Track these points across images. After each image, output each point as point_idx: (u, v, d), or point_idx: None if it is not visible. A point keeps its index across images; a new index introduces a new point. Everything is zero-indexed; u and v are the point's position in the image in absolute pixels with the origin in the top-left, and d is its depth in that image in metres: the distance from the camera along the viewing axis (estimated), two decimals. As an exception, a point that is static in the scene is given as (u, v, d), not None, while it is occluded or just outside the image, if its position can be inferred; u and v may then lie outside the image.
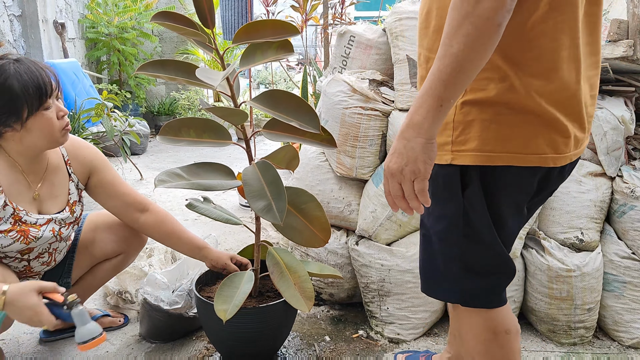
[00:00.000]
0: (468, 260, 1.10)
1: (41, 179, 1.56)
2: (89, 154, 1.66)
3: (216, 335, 1.62)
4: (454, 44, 0.85)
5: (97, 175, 1.66)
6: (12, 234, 1.48)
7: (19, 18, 4.43)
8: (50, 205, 1.58)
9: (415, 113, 0.92)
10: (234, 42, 1.40)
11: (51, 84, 1.44)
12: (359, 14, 6.93)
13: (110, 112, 3.72)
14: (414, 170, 0.94)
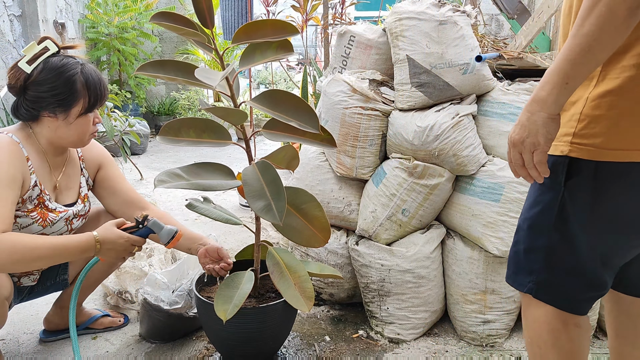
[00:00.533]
0: (552, 254, 1.07)
1: (61, 169, 1.64)
2: (98, 151, 1.76)
3: (216, 335, 1.62)
4: (585, 24, 0.87)
5: (104, 170, 1.75)
6: (34, 214, 1.53)
7: (19, 18, 4.43)
8: (65, 196, 1.65)
9: (541, 88, 0.95)
10: (234, 42, 1.40)
11: (106, 96, 1.59)
12: (359, 14, 6.93)
13: (110, 112, 3.72)
14: (534, 142, 0.98)
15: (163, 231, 1.52)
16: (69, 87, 1.49)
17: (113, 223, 1.50)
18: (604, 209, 1.02)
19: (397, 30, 1.86)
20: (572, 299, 1.09)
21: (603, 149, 0.98)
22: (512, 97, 1.82)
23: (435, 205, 1.87)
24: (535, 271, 1.10)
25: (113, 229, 1.47)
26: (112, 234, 1.46)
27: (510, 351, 1.82)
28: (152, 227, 1.52)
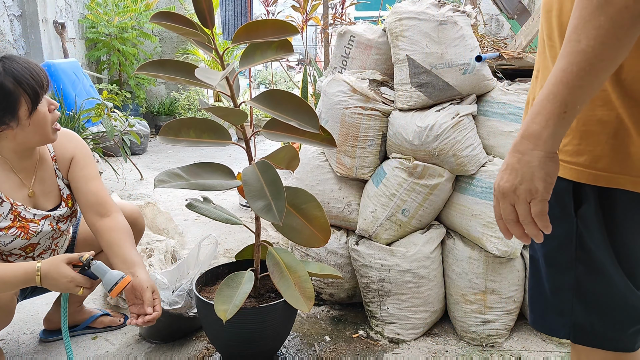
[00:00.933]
0: (583, 290, 0.91)
1: (33, 175, 1.56)
2: (70, 147, 1.63)
3: (216, 335, 1.62)
4: (582, 39, 0.71)
5: (73, 168, 1.63)
6: (13, 230, 1.49)
7: (19, 18, 4.43)
8: (44, 202, 1.58)
9: (532, 121, 0.77)
10: (234, 42, 1.40)
11: (45, 77, 1.44)
12: (359, 14, 6.93)
13: (110, 112, 3.72)
14: (530, 189, 0.79)
15: (106, 277, 1.39)
16: (2, 94, 1.36)
17: (64, 259, 1.38)
18: (627, 234, 0.87)
19: (397, 30, 1.86)
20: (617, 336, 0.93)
21: (590, 170, 0.84)
22: (512, 97, 1.82)
23: (435, 205, 1.87)
24: (567, 312, 0.93)
25: (59, 266, 1.36)
26: (55, 270, 1.36)
27: (510, 351, 1.82)
28: (95, 271, 1.39)
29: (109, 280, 1.39)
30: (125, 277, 1.41)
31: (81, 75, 4.76)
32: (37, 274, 1.36)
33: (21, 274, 1.36)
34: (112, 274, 1.40)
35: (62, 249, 1.70)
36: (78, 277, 1.38)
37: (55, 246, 1.65)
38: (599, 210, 0.86)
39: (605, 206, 0.85)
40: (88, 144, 3.73)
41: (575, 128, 0.85)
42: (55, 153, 1.62)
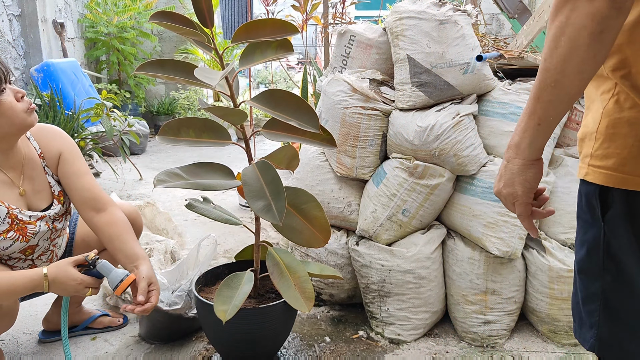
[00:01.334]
0: (608, 301, 0.89)
1: (21, 173, 1.53)
2: (57, 144, 1.60)
3: (216, 336, 1.62)
4: (546, 58, 0.78)
5: (62, 165, 1.59)
6: (11, 234, 1.47)
7: (18, 17, 4.42)
8: (37, 201, 1.56)
9: (515, 133, 0.87)
10: (233, 42, 1.40)
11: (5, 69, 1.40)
12: (360, 13, 6.92)
13: (109, 111, 3.71)
14: (512, 193, 0.90)
15: (111, 275, 1.41)
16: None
17: (70, 262, 1.39)
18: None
19: (397, 29, 1.85)
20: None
21: (615, 173, 0.84)
22: (513, 97, 1.81)
23: (435, 205, 1.87)
24: (593, 324, 0.91)
25: (67, 269, 1.38)
26: (63, 274, 1.37)
27: (510, 352, 1.81)
28: (101, 270, 1.41)
29: (114, 279, 1.41)
30: (130, 275, 1.43)
31: (80, 75, 4.76)
32: (44, 280, 1.36)
33: (28, 282, 1.36)
34: (117, 272, 1.42)
35: (60, 249, 1.69)
36: (86, 279, 1.40)
37: (54, 247, 1.64)
38: (626, 215, 0.85)
39: (633, 211, 0.84)
40: (87, 143, 3.72)
41: (605, 131, 0.86)
42: (41, 150, 1.58)
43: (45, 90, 4.12)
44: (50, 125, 1.65)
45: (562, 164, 1.86)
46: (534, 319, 1.91)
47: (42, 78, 4.30)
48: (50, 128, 1.63)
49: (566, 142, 1.90)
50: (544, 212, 0.97)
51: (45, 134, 1.60)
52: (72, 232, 1.77)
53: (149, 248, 2.18)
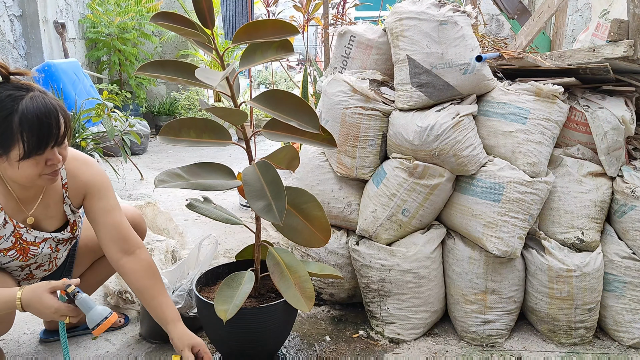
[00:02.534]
0: None
1: (34, 203, 1.49)
2: (86, 177, 1.53)
3: (216, 336, 1.62)
4: None
5: (89, 200, 1.54)
6: (12, 253, 1.46)
7: (20, 18, 4.43)
8: (47, 225, 1.53)
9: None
10: (234, 42, 1.40)
11: (57, 136, 1.31)
12: (360, 14, 6.92)
13: (110, 112, 3.72)
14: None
15: (90, 313, 1.31)
16: (3, 128, 1.25)
17: (47, 287, 1.31)
18: None
19: (397, 30, 1.86)
20: None
21: None
22: (512, 97, 1.82)
23: (435, 205, 1.87)
24: None
25: (41, 295, 1.30)
26: (37, 300, 1.30)
27: (510, 351, 1.82)
28: (80, 305, 1.32)
29: (93, 318, 1.32)
30: (112, 315, 1.34)
31: (81, 75, 4.76)
32: (18, 302, 1.30)
33: (2, 302, 1.30)
34: (97, 310, 1.32)
35: (60, 259, 1.67)
36: (63, 308, 1.31)
37: (54, 259, 1.63)
38: None
39: None
40: (88, 144, 3.73)
41: None
42: (67, 181, 1.52)
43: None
44: (83, 156, 1.57)
45: (561, 163, 1.87)
46: (533, 318, 1.92)
47: (43, 78, 4.31)
48: (83, 159, 1.56)
49: (565, 142, 1.91)
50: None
51: (76, 165, 1.53)
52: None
53: (149, 248, 2.18)
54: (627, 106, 1.85)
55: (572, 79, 1.87)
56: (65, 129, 1.34)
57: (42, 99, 1.29)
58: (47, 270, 1.64)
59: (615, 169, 1.85)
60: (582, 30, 2.87)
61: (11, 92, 1.27)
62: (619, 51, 1.70)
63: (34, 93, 1.30)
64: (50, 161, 1.33)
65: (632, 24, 1.71)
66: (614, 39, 1.72)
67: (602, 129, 1.80)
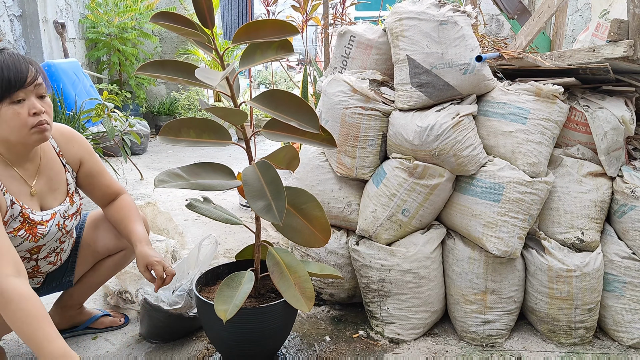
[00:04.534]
0: None
1: (35, 174, 1.54)
2: (78, 144, 1.66)
3: (216, 336, 1.62)
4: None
5: (85, 165, 1.67)
6: (22, 232, 1.48)
7: (19, 18, 4.43)
8: (51, 200, 1.57)
9: None
10: (234, 42, 1.40)
11: (26, 78, 1.37)
12: (360, 14, 6.93)
13: (110, 112, 3.72)
14: None
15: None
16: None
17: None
18: None
19: (397, 30, 1.86)
20: None
21: None
22: (512, 97, 1.82)
23: (435, 205, 1.87)
24: None
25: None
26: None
27: (510, 351, 1.82)
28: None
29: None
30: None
31: (81, 75, 4.76)
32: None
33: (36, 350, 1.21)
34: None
35: (65, 253, 1.70)
36: None
37: (61, 250, 1.66)
38: None
39: None
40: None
41: None
42: (60, 149, 1.62)
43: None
44: (67, 127, 1.68)
45: (561, 163, 1.87)
46: (533, 318, 1.92)
47: (43, 78, 4.30)
48: (68, 130, 1.66)
49: (565, 142, 1.91)
50: None
51: (64, 135, 1.63)
52: (78, 236, 1.77)
53: (149, 248, 2.18)
54: (627, 106, 1.85)
55: (572, 79, 1.87)
56: (36, 76, 1.40)
57: (13, 53, 1.39)
58: (52, 264, 1.65)
59: (615, 169, 1.85)
60: (582, 30, 2.87)
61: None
62: (619, 51, 1.70)
63: (6, 50, 1.40)
64: (32, 110, 1.39)
65: (632, 24, 1.71)
66: (614, 39, 1.72)
67: (602, 129, 1.80)
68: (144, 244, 1.60)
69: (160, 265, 1.56)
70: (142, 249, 1.58)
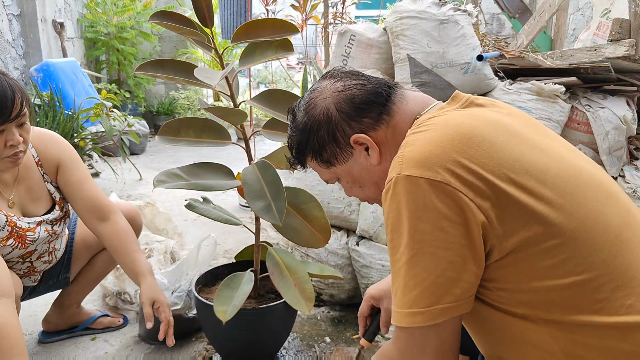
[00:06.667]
0: None
1: (13, 187, 1.49)
2: (55, 152, 1.55)
3: (216, 337, 1.62)
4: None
5: (62, 174, 1.56)
6: (11, 242, 1.46)
7: (18, 17, 4.42)
8: (34, 208, 1.53)
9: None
10: (233, 41, 1.39)
11: (10, 112, 1.29)
12: (360, 12, 6.92)
13: (109, 111, 3.71)
14: None
15: None
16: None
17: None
18: None
19: (397, 29, 1.85)
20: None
21: None
22: (513, 97, 1.81)
23: (436, 205, 1.86)
24: None
25: None
26: None
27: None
28: None
29: None
30: None
31: (80, 75, 4.75)
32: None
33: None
34: None
35: (59, 251, 1.69)
36: None
37: (53, 249, 1.64)
38: None
39: None
40: (87, 143, 3.72)
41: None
42: (39, 158, 1.55)
43: (45, 90, 4.11)
44: (48, 132, 1.59)
45: (562, 164, 1.86)
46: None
47: (41, 78, 4.30)
48: (48, 135, 1.58)
49: (567, 142, 1.90)
50: None
51: (43, 142, 1.55)
52: (72, 233, 1.77)
53: (148, 248, 2.17)
54: (629, 106, 1.84)
55: (573, 78, 1.87)
56: (22, 108, 1.32)
57: (5, 76, 1.30)
58: (47, 262, 1.64)
59: (617, 169, 1.84)
60: (584, 29, 2.87)
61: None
62: (621, 50, 1.69)
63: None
64: (9, 142, 1.32)
65: (634, 23, 1.70)
66: (615, 38, 1.72)
67: (603, 128, 1.79)
68: (152, 277, 1.53)
69: (169, 308, 1.49)
70: (152, 281, 1.51)
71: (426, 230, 0.76)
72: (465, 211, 0.75)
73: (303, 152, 1.03)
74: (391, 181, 0.80)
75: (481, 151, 0.79)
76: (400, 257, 0.78)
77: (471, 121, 0.84)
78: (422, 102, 0.96)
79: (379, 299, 1.20)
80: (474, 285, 0.78)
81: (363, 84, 0.96)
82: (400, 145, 0.85)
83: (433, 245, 0.76)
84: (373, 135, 0.94)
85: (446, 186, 0.75)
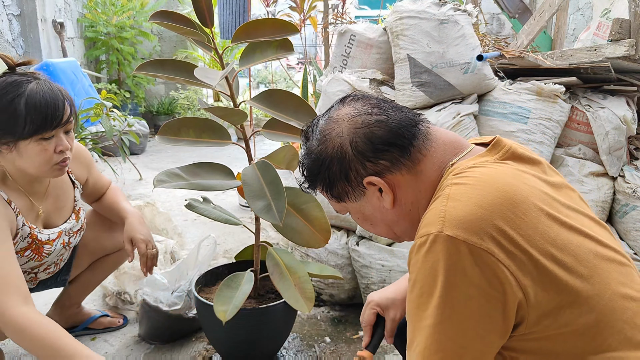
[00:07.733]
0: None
1: (44, 198, 1.51)
2: (84, 157, 1.64)
3: (216, 337, 1.62)
4: None
5: (89, 176, 1.67)
6: (28, 253, 1.47)
7: (18, 17, 4.41)
8: (56, 218, 1.55)
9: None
10: (233, 41, 1.39)
11: (62, 117, 1.33)
12: (360, 13, 6.92)
13: (109, 111, 3.71)
14: None
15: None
16: (10, 112, 1.26)
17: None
18: None
19: (397, 29, 1.85)
20: None
21: None
22: (513, 97, 1.81)
23: (436, 205, 1.86)
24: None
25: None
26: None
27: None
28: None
29: None
30: None
31: (80, 75, 4.75)
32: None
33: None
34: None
35: (64, 261, 1.69)
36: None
37: (60, 260, 1.64)
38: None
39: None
40: (87, 143, 3.72)
41: None
42: (70, 166, 1.57)
43: (45, 90, 4.11)
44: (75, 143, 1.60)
45: (562, 163, 1.86)
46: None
47: (41, 78, 4.29)
48: (76, 147, 1.58)
49: (567, 142, 1.90)
50: None
51: (73, 153, 1.52)
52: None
53: (148, 248, 2.17)
54: (629, 106, 1.84)
55: (573, 78, 1.87)
56: (71, 114, 1.36)
57: (48, 84, 1.33)
58: (50, 273, 1.64)
59: (617, 168, 1.84)
60: (584, 29, 2.87)
61: (17, 78, 1.31)
62: (621, 50, 1.69)
63: (40, 79, 1.34)
64: (59, 147, 1.35)
65: (634, 23, 1.70)
66: (615, 38, 1.72)
67: (603, 128, 1.79)
68: (135, 218, 1.62)
69: (144, 243, 1.57)
70: (133, 221, 1.60)
71: (460, 299, 0.72)
72: (505, 286, 0.71)
73: (314, 182, 0.99)
74: (429, 236, 0.74)
75: (527, 221, 0.75)
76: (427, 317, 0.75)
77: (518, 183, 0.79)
78: (453, 148, 0.89)
79: (385, 307, 1.17)
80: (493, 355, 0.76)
81: (385, 120, 0.88)
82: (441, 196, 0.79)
83: (463, 315, 0.73)
84: (389, 179, 0.88)
85: (489, 256, 0.71)
